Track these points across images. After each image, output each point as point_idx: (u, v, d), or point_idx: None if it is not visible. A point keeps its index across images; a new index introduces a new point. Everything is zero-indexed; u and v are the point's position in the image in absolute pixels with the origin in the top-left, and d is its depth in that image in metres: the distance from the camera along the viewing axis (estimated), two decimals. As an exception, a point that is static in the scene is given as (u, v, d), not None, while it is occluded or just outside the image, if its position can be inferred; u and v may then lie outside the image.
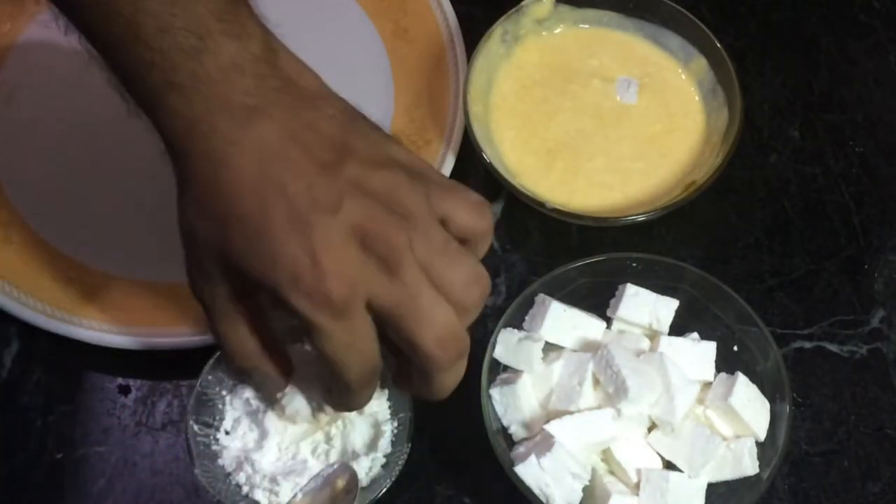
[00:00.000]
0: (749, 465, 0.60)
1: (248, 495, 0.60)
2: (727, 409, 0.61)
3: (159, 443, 0.66)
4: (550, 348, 0.63)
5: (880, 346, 0.71)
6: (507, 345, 0.62)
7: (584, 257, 0.66)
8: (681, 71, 0.77)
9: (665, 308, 0.64)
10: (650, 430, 0.62)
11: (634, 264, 0.66)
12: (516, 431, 0.62)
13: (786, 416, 0.61)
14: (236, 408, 0.62)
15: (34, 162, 0.75)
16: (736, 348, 0.65)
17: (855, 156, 0.78)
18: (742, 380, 0.61)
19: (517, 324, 0.64)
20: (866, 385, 0.69)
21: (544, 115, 0.75)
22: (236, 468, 0.60)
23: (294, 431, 0.61)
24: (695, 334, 0.64)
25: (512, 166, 0.73)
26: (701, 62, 0.76)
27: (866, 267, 0.74)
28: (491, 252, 0.72)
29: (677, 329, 0.64)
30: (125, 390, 0.68)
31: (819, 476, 0.66)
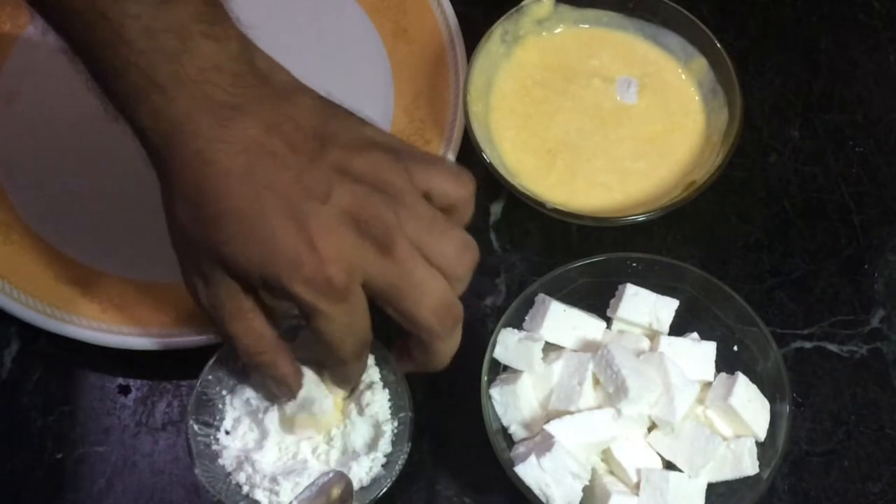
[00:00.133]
0: (749, 465, 0.60)
1: (248, 495, 0.60)
2: (727, 409, 0.61)
3: (159, 443, 0.66)
4: (550, 348, 0.63)
5: (880, 346, 0.71)
6: (507, 345, 0.62)
7: (584, 257, 0.66)
8: (681, 71, 0.77)
9: (665, 308, 0.64)
10: (650, 430, 0.62)
11: (634, 264, 0.66)
12: (516, 431, 0.62)
13: (786, 416, 0.61)
14: (236, 408, 0.62)
15: (34, 162, 0.75)
16: (736, 348, 0.65)
17: (855, 156, 0.78)
18: (742, 380, 0.61)
19: (517, 324, 0.64)
20: (866, 385, 0.69)
21: (544, 115, 0.75)
22: (237, 468, 0.60)
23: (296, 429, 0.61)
24: (695, 334, 0.64)
25: (512, 166, 0.73)
26: (701, 62, 0.76)
27: (866, 267, 0.74)
28: (491, 252, 0.73)
29: (677, 329, 0.65)
30: (125, 390, 0.68)
31: (819, 476, 0.66)
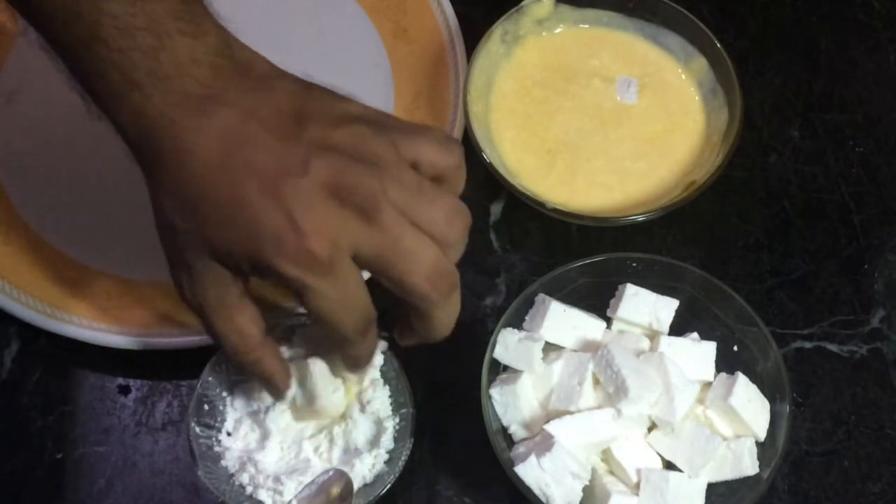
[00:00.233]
0: (749, 465, 0.60)
1: (252, 495, 0.60)
2: (727, 409, 0.61)
3: (159, 443, 0.66)
4: (550, 348, 0.63)
5: (880, 346, 0.71)
6: (507, 345, 0.62)
7: (584, 257, 0.66)
8: (681, 71, 0.77)
9: (665, 308, 0.64)
10: (650, 430, 0.62)
11: (634, 264, 0.66)
12: (516, 431, 0.62)
13: (786, 416, 0.61)
14: (237, 408, 0.62)
15: (34, 162, 0.75)
16: (736, 348, 0.65)
17: (855, 156, 0.78)
18: (742, 380, 0.61)
19: (517, 324, 0.64)
20: (866, 385, 0.69)
21: (544, 115, 0.75)
22: (239, 469, 0.60)
23: (297, 427, 0.61)
24: (695, 334, 0.64)
25: (512, 166, 0.73)
26: (701, 62, 0.76)
27: (866, 267, 0.74)
28: (491, 252, 0.73)
29: (677, 329, 0.65)
30: (125, 390, 0.68)
31: (819, 476, 0.66)
